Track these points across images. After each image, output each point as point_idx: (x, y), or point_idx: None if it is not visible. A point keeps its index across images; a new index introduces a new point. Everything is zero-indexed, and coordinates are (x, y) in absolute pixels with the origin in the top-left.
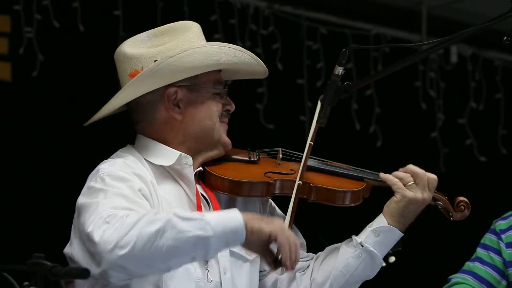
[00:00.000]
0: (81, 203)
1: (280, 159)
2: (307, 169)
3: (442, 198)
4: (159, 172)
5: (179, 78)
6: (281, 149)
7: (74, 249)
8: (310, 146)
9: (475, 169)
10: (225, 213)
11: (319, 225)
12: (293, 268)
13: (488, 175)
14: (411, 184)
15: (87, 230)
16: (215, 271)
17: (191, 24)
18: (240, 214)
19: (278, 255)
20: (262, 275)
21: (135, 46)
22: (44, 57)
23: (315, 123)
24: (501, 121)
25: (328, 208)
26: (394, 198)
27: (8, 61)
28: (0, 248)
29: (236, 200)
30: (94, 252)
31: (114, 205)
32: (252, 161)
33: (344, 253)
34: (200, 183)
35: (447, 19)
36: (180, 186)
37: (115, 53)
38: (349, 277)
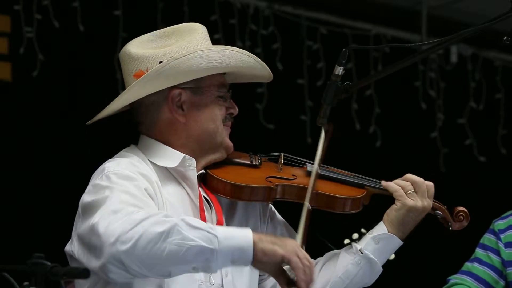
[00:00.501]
0: (86, 202)
1: (282, 164)
2: (308, 175)
3: (441, 208)
4: (162, 173)
5: (184, 80)
6: (282, 154)
7: (75, 246)
8: (317, 173)
9: (475, 169)
10: (236, 229)
11: (323, 229)
12: None
13: (488, 175)
14: (411, 192)
15: (93, 222)
16: (217, 273)
17: (198, 26)
18: (251, 234)
19: (292, 275)
20: (261, 279)
21: (141, 46)
22: (44, 57)
23: (320, 149)
24: (501, 121)
25: (328, 213)
26: (394, 206)
27: (8, 61)
28: (0, 248)
29: (237, 204)
30: (96, 244)
31: (122, 200)
32: (254, 165)
33: (343, 260)
34: (201, 186)
35: (447, 19)
36: (183, 188)
37: (120, 53)
38: (348, 284)
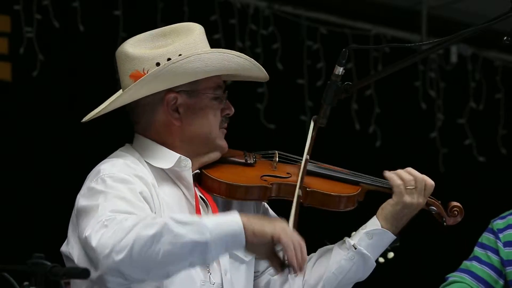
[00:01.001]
0: (81, 206)
1: (276, 162)
2: None
3: (436, 203)
4: (158, 174)
5: (181, 83)
6: (277, 152)
7: (73, 248)
8: (307, 160)
9: (474, 169)
10: (223, 216)
11: (318, 225)
12: (302, 270)
13: (487, 175)
14: (411, 188)
15: (85, 234)
16: (216, 273)
17: (195, 27)
18: (239, 217)
19: (285, 257)
20: (255, 276)
21: (138, 46)
22: (44, 57)
23: (309, 140)
24: (501, 121)
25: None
26: (390, 201)
27: (8, 61)
28: (0, 248)
29: (232, 202)
30: (91, 257)
31: (113, 208)
32: (248, 163)
33: (337, 255)
34: (196, 186)
35: (447, 19)
36: (179, 188)
37: (116, 52)
38: (341, 279)
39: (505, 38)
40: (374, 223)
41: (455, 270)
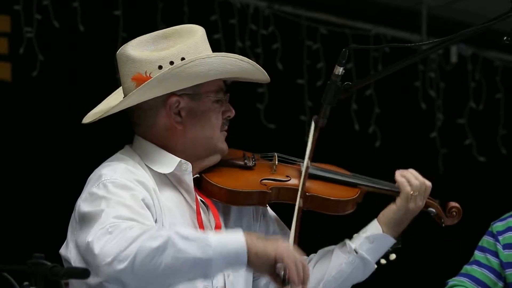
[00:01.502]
0: (82, 211)
1: (276, 165)
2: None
3: (434, 204)
4: (159, 178)
5: (183, 87)
6: (276, 154)
7: (71, 252)
8: (307, 168)
9: (474, 169)
10: (228, 235)
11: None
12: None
13: (487, 176)
14: (416, 195)
15: (88, 240)
16: (219, 275)
17: (196, 29)
18: (243, 236)
19: (286, 274)
20: (254, 277)
21: (139, 48)
22: (44, 57)
23: (310, 144)
24: (501, 121)
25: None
26: (393, 207)
27: (8, 61)
28: (0, 248)
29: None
30: (92, 263)
31: (117, 215)
32: (248, 166)
33: (337, 259)
34: (196, 190)
35: (447, 19)
36: (180, 193)
37: (117, 53)
38: (341, 282)
39: (505, 38)
40: (375, 227)
41: (456, 275)
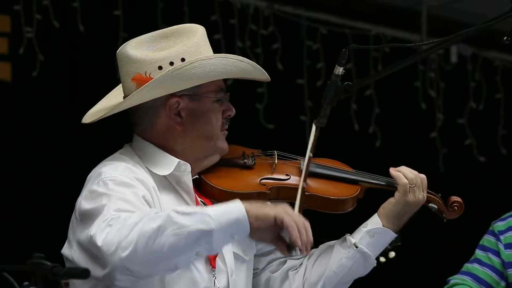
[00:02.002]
0: (84, 209)
1: (275, 163)
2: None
3: (435, 199)
4: (158, 179)
5: (184, 88)
6: (276, 152)
7: (74, 251)
8: (310, 158)
9: (474, 169)
10: (226, 205)
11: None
12: (308, 250)
13: (487, 175)
14: (413, 186)
15: (90, 234)
16: (223, 274)
17: (196, 28)
18: (241, 203)
19: (290, 239)
20: (255, 273)
21: (139, 48)
22: (44, 57)
23: (312, 136)
24: (501, 121)
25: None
26: (392, 199)
27: (8, 61)
28: (0, 248)
29: None
30: (97, 255)
31: (117, 208)
32: (247, 166)
33: (338, 254)
34: (195, 191)
35: (447, 19)
36: (179, 193)
37: (117, 53)
38: (342, 277)
39: (505, 38)
40: (375, 222)
41: (457, 273)
